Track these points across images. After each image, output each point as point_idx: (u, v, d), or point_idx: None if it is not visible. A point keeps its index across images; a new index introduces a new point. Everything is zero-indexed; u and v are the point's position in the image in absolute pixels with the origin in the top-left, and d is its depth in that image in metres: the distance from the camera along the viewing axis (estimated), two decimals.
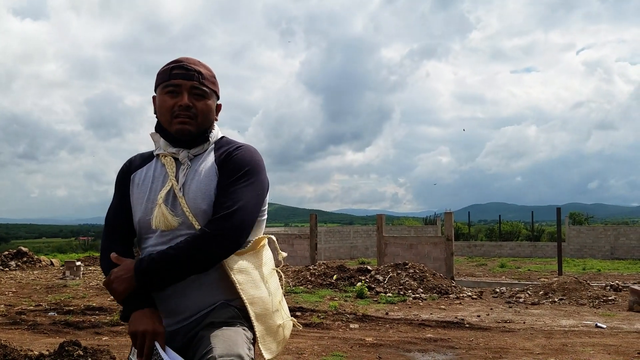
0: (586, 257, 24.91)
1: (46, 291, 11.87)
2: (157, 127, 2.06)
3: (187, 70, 1.98)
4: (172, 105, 1.97)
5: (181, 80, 1.97)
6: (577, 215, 35.40)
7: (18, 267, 17.31)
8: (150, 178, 2.02)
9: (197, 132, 1.99)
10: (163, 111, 1.99)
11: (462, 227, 34.37)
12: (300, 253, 18.21)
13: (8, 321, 8.05)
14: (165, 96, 1.99)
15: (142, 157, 2.12)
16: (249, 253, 1.99)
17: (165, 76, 2.00)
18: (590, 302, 10.23)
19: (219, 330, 1.82)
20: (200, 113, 1.99)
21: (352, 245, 27.46)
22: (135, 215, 2.01)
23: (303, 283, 12.42)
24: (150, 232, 1.96)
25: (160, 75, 2.03)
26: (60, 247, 35.33)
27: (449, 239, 15.02)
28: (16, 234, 74.40)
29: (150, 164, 2.06)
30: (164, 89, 1.99)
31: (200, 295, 1.92)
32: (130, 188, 2.06)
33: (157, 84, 2.04)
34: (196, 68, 2.00)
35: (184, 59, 2.03)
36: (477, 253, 27.90)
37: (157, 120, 2.07)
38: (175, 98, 1.97)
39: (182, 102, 1.96)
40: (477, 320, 8.51)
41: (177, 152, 1.99)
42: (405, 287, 11.56)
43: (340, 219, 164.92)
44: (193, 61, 2.03)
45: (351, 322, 8.09)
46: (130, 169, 2.09)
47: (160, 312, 1.87)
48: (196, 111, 1.98)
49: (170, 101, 1.97)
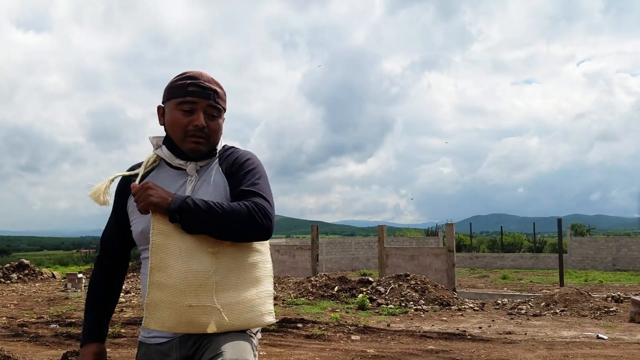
0: (588, 269, 24.84)
1: (48, 303, 11.89)
2: (165, 139, 2.05)
3: (204, 89, 1.96)
4: (186, 124, 1.95)
5: (197, 98, 1.95)
6: (579, 226, 35.32)
7: (20, 280, 17.32)
8: None
9: (207, 150, 2.01)
10: (176, 128, 1.97)
11: (464, 238, 34.30)
12: (302, 264, 18.21)
13: (10, 333, 8.06)
14: (178, 112, 1.96)
15: (137, 169, 2.09)
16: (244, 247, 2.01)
17: (180, 92, 1.96)
18: (591, 314, 10.21)
19: (228, 335, 1.85)
20: (212, 133, 1.99)
21: (353, 257, 27.43)
22: (137, 225, 2.01)
23: (304, 294, 12.41)
24: None
25: (173, 89, 1.99)
26: (61, 259, 35.32)
27: (450, 250, 15.02)
28: (18, 246, 74.36)
29: (152, 175, 2.05)
30: (178, 105, 1.96)
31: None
32: (128, 201, 2.05)
33: (170, 97, 2.00)
34: (212, 87, 1.98)
35: (199, 74, 1.99)
36: (479, 265, 27.82)
37: (165, 132, 2.06)
38: (190, 116, 1.95)
39: (199, 123, 1.94)
40: (479, 331, 8.51)
41: (185, 164, 2.00)
42: (407, 298, 11.55)
43: (341, 230, 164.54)
44: (208, 78, 2.00)
45: (352, 333, 8.09)
46: (129, 181, 2.07)
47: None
48: (209, 131, 1.98)
49: (185, 119, 1.95)
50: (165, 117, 2.04)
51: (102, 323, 2.10)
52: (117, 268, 2.15)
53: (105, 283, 2.13)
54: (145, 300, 1.87)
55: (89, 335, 2.07)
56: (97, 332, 2.08)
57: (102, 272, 2.14)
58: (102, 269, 2.14)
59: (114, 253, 2.14)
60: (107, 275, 2.13)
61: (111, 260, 2.14)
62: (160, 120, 2.07)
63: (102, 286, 2.12)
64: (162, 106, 2.06)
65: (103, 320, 2.11)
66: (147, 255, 1.96)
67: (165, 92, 2.03)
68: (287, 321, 8.82)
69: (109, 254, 2.14)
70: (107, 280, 2.13)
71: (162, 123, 2.07)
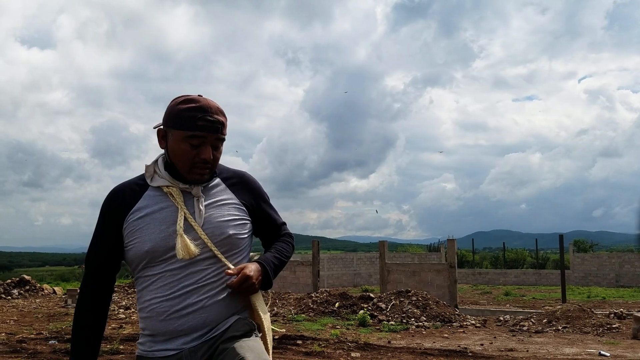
0: (591, 285, 24.69)
1: (47, 319, 11.84)
2: (167, 164, 2.06)
3: (212, 123, 1.99)
4: (193, 156, 2.00)
5: (207, 133, 1.99)
6: (582, 242, 35.17)
7: (20, 296, 17.29)
8: (154, 208, 2.03)
9: (210, 177, 2.09)
10: (183, 159, 2.01)
11: (466, 254, 34.17)
12: (303, 280, 18.12)
13: (8, 349, 8.02)
14: (186, 145, 1.99)
15: (131, 188, 2.09)
16: None
17: (190, 125, 1.97)
18: (594, 330, 10.13)
19: (242, 341, 1.95)
20: (216, 162, 2.07)
21: (355, 273, 27.31)
22: (141, 245, 2.00)
23: (305, 311, 12.35)
24: (159, 260, 2.00)
25: (181, 120, 1.98)
26: (63, 275, 35.21)
27: (452, 266, 14.95)
28: (20, 262, 74.22)
29: (147, 194, 2.06)
30: (187, 137, 1.98)
31: (219, 309, 2.01)
32: (126, 222, 2.04)
33: (177, 127, 2.00)
34: (219, 119, 2.01)
35: (207, 106, 2.00)
36: (481, 281, 27.67)
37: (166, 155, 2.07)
38: (197, 148, 1.99)
39: (207, 157, 2.00)
40: (480, 349, 8.44)
41: (190, 188, 2.05)
42: (408, 315, 11.48)
43: (344, 246, 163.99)
44: (215, 110, 2.01)
45: (353, 350, 8.03)
46: (124, 202, 2.06)
47: (179, 330, 1.96)
48: (213, 162, 2.05)
49: (192, 152, 1.99)
50: (168, 143, 2.04)
51: (94, 351, 2.08)
52: (104, 292, 2.10)
53: (93, 310, 2.07)
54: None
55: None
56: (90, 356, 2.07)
57: (89, 298, 2.08)
58: (88, 295, 2.08)
59: (103, 277, 2.09)
60: (93, 301, 2.08)
61: (99, 284, 2.09)
62: (161, 143, 2.07)
63: (89, 314, 2.06)
64: (162, 129, 2.06)
65: (94, 348, 2.08)
66: (153, 272, 2.00)
67: (171, 118, 2.02)
68: (287, 338, 8.77)
69: (96, 278, 2.09)
70: (94, 307, 2.07)
71: (164, 146, 2.07)
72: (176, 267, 1.99)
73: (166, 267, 2.00)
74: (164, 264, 2.00)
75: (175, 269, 1.99)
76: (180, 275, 1.99)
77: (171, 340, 1.98)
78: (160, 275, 2.00)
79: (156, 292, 2.00)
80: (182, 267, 1.98)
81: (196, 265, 1.99)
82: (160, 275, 2.00)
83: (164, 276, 2.00)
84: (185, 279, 1.98)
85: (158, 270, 2.01)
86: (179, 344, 1.97)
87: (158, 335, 2.00)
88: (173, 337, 1.98)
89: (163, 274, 2.00)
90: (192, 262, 1.98)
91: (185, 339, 1.98)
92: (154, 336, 2.01)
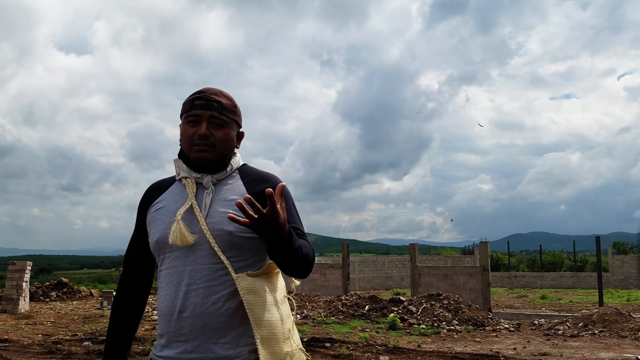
0: (631, 288, 23.95)
1: (83, 321, 12.11)
2: (180, 154, 2.12)
3: (207, 101, 2.05)
4: (192, 134, 2.04)
5: (201, 110, 2.04)
6: (622, 244, 34.18)
7: (58, 298, 17.74)
8: (170, 200, 2.07)
9: (215, 159, 2.05)
10: (184, 139, 2.07)
11: (502, 257, 33.54)
12: (333, 283, 18.08)
13: (44, 350, 8.23)
14: (186, 125, 2.06)
15: (162, 184, 2.17)
16: (262, 277, 2.00)
17: (188, 107, 2.07)
18: (632, 335, 9.82)
19: None
20: (218, 142, 2.04)
21: (387, 276, 27.14)
22: (153, 235, 2.05)
23: (334, 313, 12.32)
24: (167, 251, 2.00)
25: (183, 106, 2.10)
26: (100, 277, 36.00)
27: (485, 269, 14.70)
28: (58, 265, 76.20)
29: (171, 188, 2.12)
30: (186, 118, 2.07)
31: (223, 350, 1.92)
32: (148, 214, 2.11)
33: (181, 114, 2.11)
34: (216, 98, 2.06)
35: (206, 89, 2.09)
36: (517, 284, 27.14)
37: (180, 147, 2.13)
38: (195, 127, 2.04)
39: (200, 132, 2.03)
40: (513, 353, 8.28)
41: (202, 177, 2.05)
42: (439, 318, 11.34)
43: (376, 249, 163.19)
44: (214, 91, 2.09)
45: (381, 354, 7.97)
46: (151, 196, 2.15)
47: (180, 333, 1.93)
48: (214, 140, 2.04)
49: (191, 130, 2.04)
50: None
51: (123, 348, 2.13)
52: (139, 288, 2.16)
53: (127, 306, 2.14)
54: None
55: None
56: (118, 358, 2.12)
57: (124, 295, 2.15)
58: (124, 292, 2.15)
59: (137, 272, 2.16)
60: (128, 297, 2.14)
61: (134, 280, 2.16)
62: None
63: (124, 310, 2.14)
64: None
65: (124, 346, 2.14)
66: (163, 267, 2.02)
67: (180, 110, 2.13)
68: (315, 340, 8.75)
69: (131, 274, 2.16)
70: (129, 303, 2.14)
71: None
72: (178, 263, 1.98)
73: (170, 262, 2.00)
74: (169, 258, 2.00)
75: (177, 265, 1.98)
76: (182, 272, 1.97)
77: (171, 345, 1.96)
78: (167, 271, 2.01)
79: (162, 289, 2.01)
80: (183, 265, 1.96)
81: (197, 264, 1.96)
82: (167, 272, 2.00)
83: (168, 273, 2.00)
84: (187, 277, 1.96)
85: (165, 265, 2.02)
86: (179, 352, 1.93)
87: (162, 337, 1.99)
88: (173, 341, 1.95)
89: (169, 270, 2.00)
90: (193, 261, 1.96)
91: (186, 347, 1.93)
92: (161, 337, 2.00)
